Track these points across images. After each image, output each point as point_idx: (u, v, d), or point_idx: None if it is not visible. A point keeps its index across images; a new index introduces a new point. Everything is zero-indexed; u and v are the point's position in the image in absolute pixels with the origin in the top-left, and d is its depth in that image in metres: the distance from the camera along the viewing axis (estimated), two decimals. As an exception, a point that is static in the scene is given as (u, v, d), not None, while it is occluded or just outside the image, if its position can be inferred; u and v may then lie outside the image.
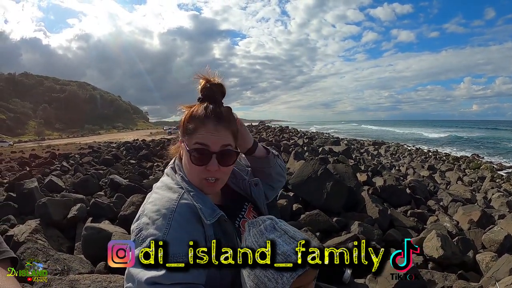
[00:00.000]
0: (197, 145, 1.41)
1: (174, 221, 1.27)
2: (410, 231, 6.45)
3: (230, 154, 1.47)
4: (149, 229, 1.27)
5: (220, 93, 1.53)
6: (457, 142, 53.33)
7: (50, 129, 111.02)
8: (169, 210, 1.30)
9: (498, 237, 5.69)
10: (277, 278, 1.08)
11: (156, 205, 1.34)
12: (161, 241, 1.19)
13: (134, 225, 1.35)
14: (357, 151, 29.89)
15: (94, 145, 33.44)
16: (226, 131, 1.46)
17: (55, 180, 10.19)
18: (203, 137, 1.41)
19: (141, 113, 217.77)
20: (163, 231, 1.24)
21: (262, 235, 1.17)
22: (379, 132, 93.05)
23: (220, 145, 1.42)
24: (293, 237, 1.17)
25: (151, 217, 1.30)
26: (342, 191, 7.14)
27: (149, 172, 14.00)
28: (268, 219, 1.24)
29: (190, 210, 1.33)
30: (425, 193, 10.13)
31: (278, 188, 1.99)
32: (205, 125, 1.42)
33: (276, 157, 1.88)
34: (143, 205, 1.42)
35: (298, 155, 13.57)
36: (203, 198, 1.40)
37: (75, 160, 19.39)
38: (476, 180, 19.07)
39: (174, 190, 1.41)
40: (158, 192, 1.44)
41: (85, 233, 4.96)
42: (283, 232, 1.19)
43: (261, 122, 74.02)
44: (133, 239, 1.30)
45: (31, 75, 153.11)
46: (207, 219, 1.32)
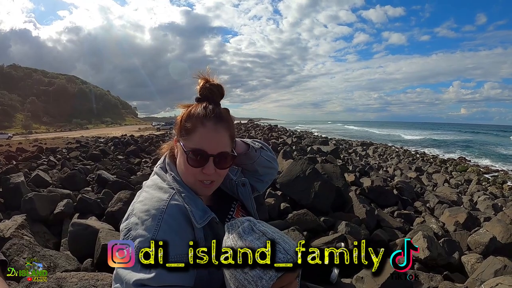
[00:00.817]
0: (195, 147, 1.39)
1: (164, 222, 1.25)
2: (397, 232, 6.50)
3: (227, 157, 1.45)
4: (138, 229, 1.25)
5: (219, 94, 1.51)
6: (435, 144, 54.22)
7: (38, 122, 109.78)
8: (159, 210, 1.28)
9: (483, 239, 5.75)
10: (257, 281, 1.07)
11: (146, 205, 1.32)
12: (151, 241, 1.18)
13: (123, 224, 1.33)
14: (345, 151, 29.97)
15: (82, 140, 33.16)
16: (225, 133, 1.44)
17: (42, 175, 10.07)
18: (201, 138, 1.39)
19: (130, 109, 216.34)
20: (152, 232, 1.23)
21: (241, 237, 1.15)
22: (360, 132, 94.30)
23: (218, 148, 1.41)
24: (272, 239, 1.15)
25: (140, 217, 1.28)
26: (330, 191, 7.17)
27: (137, 168, 13.89)
28: (246, 221, 1.22)
29: (180, 211, 1.31)
30: (412, 195, 10.22)
31: (269, 180, 1.96)
32: (204, 125, 1.40)
33: (259, 150, 1.82)
34: (133, 204, 1.40)
35: (286, 154, 13.58)
36: (194, 199, 1.39)
37: (62, 155, 19.20)
38: (463, 183, 19.25)
39: (165, 190, 1.39)
40: (148, 191, 1.42)
41: (71, 229, 4.91)
42: (261, 234, 1.17)
43: (250, 120, 74.07)
44: (122, 239, 1.28)
45: (20, 67, 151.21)
46: (197, 223, 1.31)
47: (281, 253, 1.11)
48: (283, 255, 1.10)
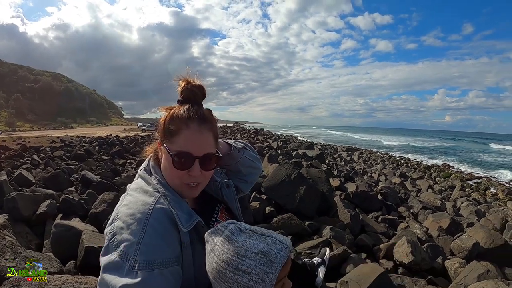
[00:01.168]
0: (180, 150, 1.38)
1: (149, 226, 1.24)
2: (381, 237, 6.53)
3: (212, 158, 1.45)
4: (123, 233, 1.24)
5: (201, 95, 1.51)
6: (414, 151, 55.35)
7: (22, 120, 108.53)
8: (144, 214, 1.27)
9: (466, 245, 5.80)
10: (264, 277, 1.06)
11: (131, 208, 1.31)
12: (136, 247, 1.17)
13: (108, 228, 1.31)
14: (330, 156, 30.11)
15: (66, 139, 32.72)
16: (209, 133, 1.44)
17: (25, 174, 9.90)
18: (186, 140, 1.39)
19: (115, 108, 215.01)
20: (137, 236, 1.21)
21: (231, 240, 1.14)
22: (342, 137, 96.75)
23: (203, 150, 1.40)
24: (262, 234, 1.16)
25: (125, 221, 1.26)
26: (315, 195, 7.17)
27: (122, 169, 13.74)
28: (230, 224, 1.22)
29: (166, 215, 1.30)
30: (396, 200, 10.28)
31: (253, 180, 1.97)
32: (188, 127, 1.39)
33: (242, 150, 1.84)
34: (117, 208, 1.38)
35: (272, 158, 13.59)
36: (180, 203, 1.38)
37: (46, 154, 18.86)
38: (446, 189, 19.49)
39: (150, 194, 1.38)
40: (133, 195, 1.40)
41: (54, 230, 4.83)
42: (251, 232, 1.17)
43: (236, 124, 74.12)
44: (107, 244, 1.26)
45: (5, 63, 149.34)
46: (183, 227, 1.30)
47: (278, 244, 1.12)
48: (280, 245, 1.12)
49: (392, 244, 5.75)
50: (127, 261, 1.16)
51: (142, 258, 1.16)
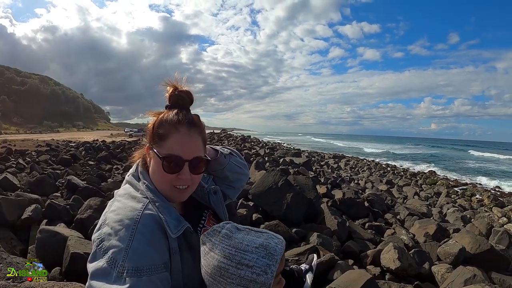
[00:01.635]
0: (170, 153, 1.37)
1: (138, 232, 1.22)
2: (368, 243, 6.56)
3: (201, 162, 1.45)
4: (111, 240, 1.21)
5: (189, 100, 1.51)
6: (394, 157, 56.00)
7: (8, 122, 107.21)
8: (132, 220, 1.25)
9: (452, 250, 5.86)
10: (266, 269, 1.09)
11: (119, 214, 1.28)
12: (124, 253, 1.16)
13: (95, 234, 1.29)
14: (317, 164, 30.22)
15: (52, 143, 32.35)
16: (198, 137, 1.45)
17: (10, 178, 9.77)
18: (176, 144, 1.39)
19: (102, 113, 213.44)
20: (126, 243, 1.19)
21: (230, 237, 1.17)
22: (325, 144, 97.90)
23: (192, 153, 1.40)
24: (259, 231, 1.21)
25: (113, 227, 1.24)
26: (302, 202, 7.19)
27: (108, 175, 13.62)
28: (226, 223, 1.26)
29: (155, 221, 1.29)
30: (382, 207, 10.35)
31: (240, 186, 1.96)
32: (178, 130, 1.39)
33: (228, 156, 1.83)
34: (105, 214, 1.36)
35: (259, 165, 13.60)
36: (168, 208, 1.36)
37: (31, 158, 18.67)
38: (432, 195, 19.63)
39: (138, 200, 1.36)
40: (120, 201, 1.38)
41: (39, 236, 4.77)
42: (248, 230, 1.22)
43: (223, 130, 74.16)
44: (94, 250, 1.24)
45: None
46: (172, 233, 1.29)
47: (274, 239, 1.19)
48: (276, 239, 1.19)
49: (379, 251, 5.78)
50: (115, 267, 1.14)
51: (130, 264, 1.14)
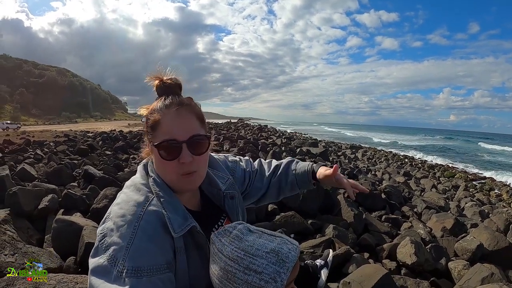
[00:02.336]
0: (164, 138, 1.31)
1: (140, 230, 1.17)
2: (384, 236, 6.48)
3: (201, 140, 1.37)
4: (113, 236, 1.18)
5: (176, 86, 1.45)
6: (399, 147, 56.34)
7: (27, 114, 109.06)
8: (135, 216, 1.20)
9: (470, 246, 5.76)
10: (275, 277, 1.03)
11: (122, 208, 1.24)
12: (125, 252, 1.12)
13: (99, 228, 1.25)
14: (334, 154, 30.00)
15: (70, 134, 32.79)
16: (191, 115, 1.37)
17: (28, 168, 9.92)
18: (167, 126, 1.32)
19: (120, 104, 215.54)
20: (127, 240, 1.15)
21: (241, 240, 1.11)
22: (333, 134, 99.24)
23: (188, 133, 1.32)
24: (272, 235, 1.14)
25: (116, 223, 1.20)
26: (318, 193, 7.13)
27: (125, 165, 13.72)
28: (239, 224, 1.20)
29: (158, 218, 1.23)
30: (399, 199, 10.22)
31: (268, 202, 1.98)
32: (166, 114, 1.33)
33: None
34: (111, 206, 1.32)
35: (276, 155, 13.57)
36: (175, 205, 1.30)
37: (49, 148, 18.91)
38: (450, 189, 19.38)
39: (142, 193, 1.31)
40: (126, 193, 1.34)
41: (55, 225, 4.81)
42: (261, 232, 1.15)
43: (240, 120, 74.27)
44: (96, 245, 1.21)
45: (10, 57, 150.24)
46: (175, 231, 1.22)
47: (288, 244, 1.11)
48: (290, 245, 1.11)
49: (395, 244, 5.71)
50: (115, 266, 1.11)
51: (130, 264, 1.10)
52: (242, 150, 16.56)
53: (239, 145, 18.97)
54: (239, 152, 15.87)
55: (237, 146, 18.42)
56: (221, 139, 22.55)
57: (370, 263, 4.99)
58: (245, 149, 16.87)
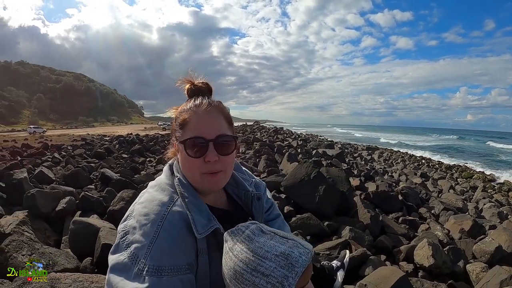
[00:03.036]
0: (191, 135, 1.33)
1: (163, 229, 1.18)
2: (401, 238, 6.42)
3: (227, 141, 1.38)
4: (135, 234, 1.19)
5: (207, 89, 1.49)
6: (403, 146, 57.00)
7: (44, 119, 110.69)
8: (159, 216, 1.21)
9: (489, 248, 5.67)
10: (282, 281, 1.00)
11: (146, 207, 1.25)
12: (147, 250, 1.13)
13: (121, 225, 1.27)
14: (350, 155, 29.84)
15: (87, 138, 33.35)
16: (219, 115, 1.39)
17: (46, 171, 10.09)
18: (196, 124, 1.34)
19: (136, 108, 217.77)
20: (150, 239, 1.16)
21: (252, 240, 1.10)
22: (343, 134, 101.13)
23: (215, 132, 1.34)
24: (284, 237, 1.12)
25: (139, 221, 1.21)
26: (335, 195, 7.10)
27: (141, 168, 13.83)
28: (252, 224, 1.18)
29: (182, 219, 1.24)
30: (417, 201, 10.13)
31: None
32: (196, 113, 1.36)
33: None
34: (133, 204, 1.34)
35: (291, 157, 13.55)
36: (199, 206, 1.31)
37: (67, 152, 19.19)
38: (468, 190, 19.16)
39: (167, 193, 1.32)
40: (150, 193, 1.35)
41: (72, 227, 4.87)
42: (273, 234, 1.13)
43: (256, 122, 74.33)
44: (117, 242, 1.22)
45: (28, 64, 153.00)
46: (198, 232, 1.22)
47: (300, 248, 1.08)
48: (302, 249, 1.08)
49: (412, 246, 5.64)
50: (136, 264, 1.12)
51: (152, 262, 1.11)
52: (258, 152, 16.59)
53: (255, 147, 19.00)
54: (255, 155, 15.89)
55: (253, 149, 18.45)
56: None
57: (386, 265, 4.95)
58: (261, 151, 16.89)
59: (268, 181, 7.81)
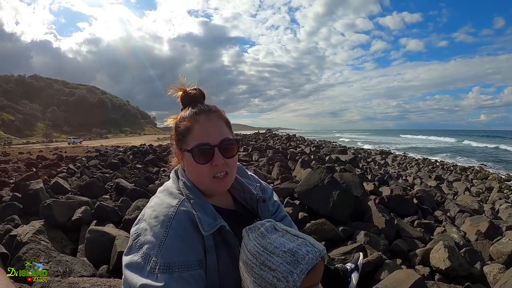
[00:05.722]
0: (197, 143, 1.39)
1: (172, 229, 1.25)
2: (417, 242, 6.38)
3: (230, 144, 1.45)
4: (146, 235, 1.26)
5: (200, 95, 1.54)
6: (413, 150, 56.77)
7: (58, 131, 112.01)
8: (167, 217, 1.28)
9: (506, 249, 5.61)
10: (287, 276, 1.05)
11: (155, 210, 1.33)
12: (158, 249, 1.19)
13: (133, 228, 1.34)
14: (364, 160, 29.71)
15: (101, 149, 33.63)
16: (220, 120, 1.46)
17: (61, 182, 10.23)
18: (199, 132, 1.40)
19: (149, 118, 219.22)
20: (160, 239, 1.22)
21: (264, 236, 1.17)
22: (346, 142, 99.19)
23: (218, 137, 1.41)
24: (296, 235, 1.18)
25: (149, 223, 1.28)
26: (349, 200, 7.09)
27: (155, 177, 13.93)
28: (267, 222, 1.25)
29: (189, 218, 1.30)
30: (432, 204, 10.05)
31: None
32: (197, 120, 1.42)
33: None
34: (144, 209, 1.41)
35: (305, 163, 13.56)
36: (204, 206, 1.37)
37: (81, 163, 19.41)
38: (484, 191, 18.88)
39: (175, 196, 1.39)
40: (159, 197, 1.43)
41: (88, 236, 4.95)
42: (285, 232, 1.20)
43: (269, 130, 74.29)
44: (130, 244, 1.29)
45: (41, 77, 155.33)
46: (204, 230, 1.28)
47: (309, 246, 1.13)
48: (311, 248, 1.13)
49: (428, 250, 5.60)
50: (148, 262, 1.19)
51: (163, 260, 1.17)
52: (271, 159, 16.62)
53: (267, 155, 19.04)
54: (269, 162, 15.93)
55: (266, 156, 18.47)
56: (250, 150, 22.62)
57: (402, 269, 4.92)
58: (274, 158, 16.93)
59: (282, 187, 7.85)
